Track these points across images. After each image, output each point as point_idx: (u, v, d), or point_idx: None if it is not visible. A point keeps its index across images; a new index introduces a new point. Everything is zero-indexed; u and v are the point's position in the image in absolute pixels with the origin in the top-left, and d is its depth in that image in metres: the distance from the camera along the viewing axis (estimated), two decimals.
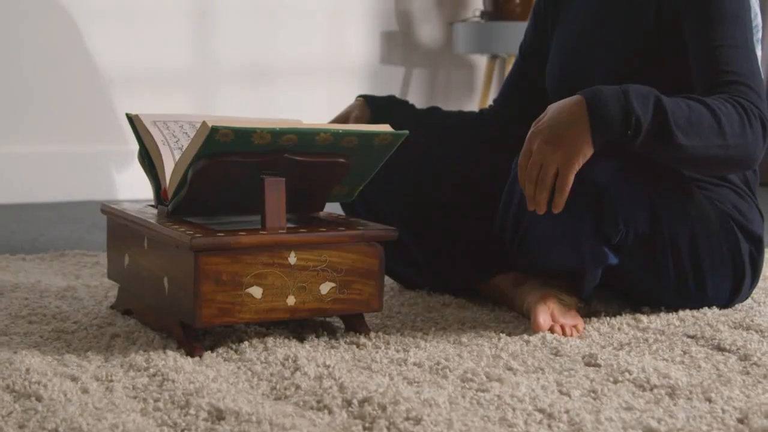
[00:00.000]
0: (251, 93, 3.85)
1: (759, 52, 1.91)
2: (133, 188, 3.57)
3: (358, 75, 4.05)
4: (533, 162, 1.60)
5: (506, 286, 1.88)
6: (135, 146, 3.52)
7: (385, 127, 1.65)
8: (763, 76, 1.79)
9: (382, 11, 4.07)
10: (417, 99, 4.18)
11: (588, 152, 1.58)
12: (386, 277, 1.96)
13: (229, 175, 1.59)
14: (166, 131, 1.74)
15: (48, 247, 2.55)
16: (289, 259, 1.56)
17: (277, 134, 1.55)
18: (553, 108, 1.62)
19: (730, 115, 1.64)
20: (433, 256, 1.97)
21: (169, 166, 1.68)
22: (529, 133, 1.63)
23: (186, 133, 1.76)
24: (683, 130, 1.60)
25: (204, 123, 1.52)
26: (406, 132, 1.65)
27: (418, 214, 1.99)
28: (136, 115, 1.75)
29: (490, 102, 4.22)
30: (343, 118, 2.10)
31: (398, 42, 4.11)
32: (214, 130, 1.51)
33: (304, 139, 1.58)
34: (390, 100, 2.14)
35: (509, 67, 3.83)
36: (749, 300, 1.96)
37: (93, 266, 2.23)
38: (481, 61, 4.18)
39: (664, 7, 1.82)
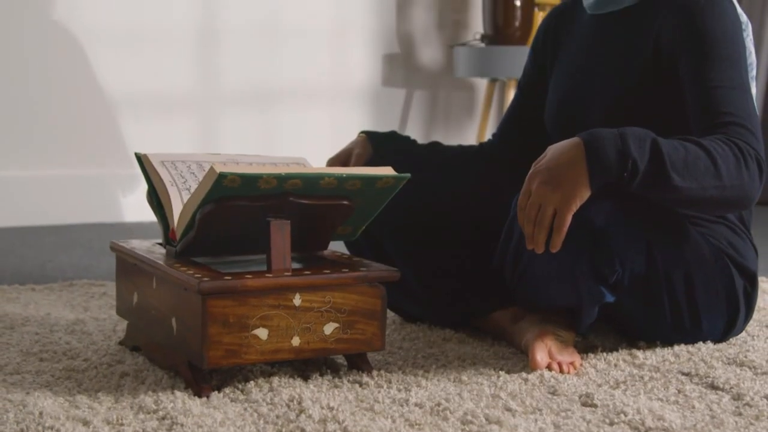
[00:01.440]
0: (255, 116, 3.90)
1: (753, 90, 1.95)
2: (138, 211, 3.62)
3: (360, 97, 4.10)
4: (532, 202, 1.65)
5: (505, 321, 1.93)
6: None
7: (388, 170, 1.69)
8: (758, 115, 1.83)
9: (384, 34, 4.12)
10: (418, 121, 4.23)
11: (585, 194, 1.62)
12: (387, 310, 2.00)
13: (236, 218, 1.64)
14: (174, 171, 1.78)
15: (56, 275, 2.60)
16: (294, 300, 1.60)
17: (282, 179, 1.59)
18: (552, 149, 1.67)
19: (727, 156, 1.68)
20: (434, 291, 2.02)
21: (177, 207, 1.73)
22: (528, 173, 1.67)
23: (193, 173, 1.80)
24: (680, 172, 1.64)
25: (212, 169, 1.56)
26: (408, 175, 1.70)
27: (418, 248, 2.04)
28: (145, 155, 1.79)
29: (489, 124, 4.27)
30: (345, 154, 2.15)
31: (399, 64, 4.16)
32: (222, 176, 1.55)
33: (308, 183, 1.62)
34: (391, 136, 2.18)
35: (509, 91, 3.88)
36: (743, 333, 2.00)
37: (101, 297, 2.28)
38: (482, 83, 4.23)
39: (661, 46, 1.86)
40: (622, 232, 1.70)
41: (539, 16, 3.97)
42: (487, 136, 4.31)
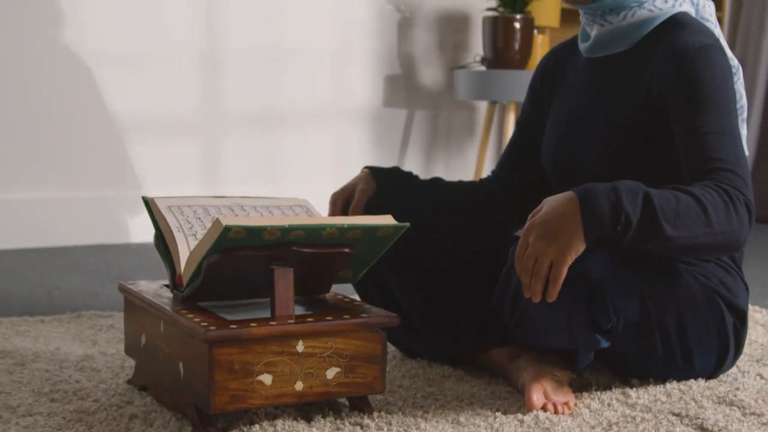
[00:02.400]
0: (258, 137, 3.95)
1: (744, 132, 2.01)
2: (143, 232, 3.68)
3: (362, 117, 4.16)
4: (529, 254, 1.70)
5: (503, 359, 1.98)
6: (147, 192, 3.66)
7: (388, 219, 1.75)
8: (747, 159, 1.88)
9: (385, 55, 4.18)
10: (419, 141, 4.29)
11: (580, 247, 1.68)
12: (388, 344, 2.06)
13: (241, 266, 1.70)
14: (180, 217, 1.84)
15: (64, 303, 2.66)
16: (297, 347, 1.66)
17: (286, 230, 1.65)
18: (548, 203, 1.72)
19: (716, 203, 1.73)
20: (434, 328, 2.07)
21: (183, 253, 1.78)
22: (525, 225, 1.73)
23: (199, 218, 1.86)
24: (671, 222, 1.69)
25: (217, 221, 1.62)
26: (407, 225, 1.75)
27: (419, 284, 2.10)
28: (152, 200, 1.85)
29: (490, 145, 4.33)
30: (349, 189, 2.20)
31: (401, 85, 4.22)
32: (227, 228, 1.61)
33: (311, 233, 1.68)
34: (394, 172, 2.23)
35: (509, 113, 3.94)
36: (734, 369, 2.06)
37: (108, 330, 2.33)
38: (482, 104, 4.28)
39: (653, 91, 1.91)
40: (616, 282, 1.75)
41: (538, 40, 4.02)
42: (488, 157, 4.37)
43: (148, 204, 1.86)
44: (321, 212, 2.07)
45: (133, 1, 3.72)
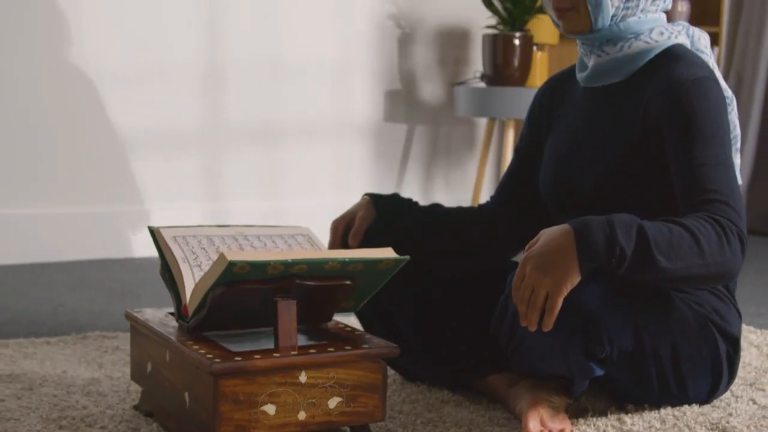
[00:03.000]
0: (260, 152, 4.00)
1: (737, 161, 2.05)
2: (146, 247, 3.73)
3: (363, 132, 4.20)
4: (525, 285, 1.74)
5: (500, 385, 2.03)
6: (149, 206, 3.70)
7: (388, 252, 1.79)
8: (740, 189, 1.92)
9: (386, 71, 4.22)
10: (419, 155, 4.33)
11: (576, 279, 1.72)
12: (388, 368, 2.10)
13: (245, 299, 1.74)
14: (185, 247, 1.88)
15: (69, 322, 2.70)
16: (300, 378, 1.70)
17: (289, 265, 1.69)
18: (544, 235, 1.76)
19: (709, 235, 1.77)
20: (433, 354, 2.12)
21: (189, 284, 1.82)
22: (522, 257, 1.77)
23: (204, 248, 1.90)
24: (665, 254, 1.73)
25: (222, 256, 1.66)
26: (407, 258, 1.80)
27: (419, 311, 2.14)
28: (158, 230, 1.89)
29: (489, 160, 4.37)
30: (349, 216, 2.24)
31: (401, 100, 4.26)
32: (232, 264, 1.65)
33: (313, 267, 1.72)
34: (394, 199, 2.27)
35: (508, 129, 3.98)
36: (728, 393, 2.10)
37: (113, 352, 2.38)
38: (482, 119, 4.32)
39: (649, 122, 1.95)
40: (611, 313, 1.80)
41: (538, 57, 4.07)
42: (487, 172, 4.41)
43: (154, 234, 1.90)
44: (323, 239, 2.11)
45: (136, 19, 3.76)
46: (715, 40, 4.73)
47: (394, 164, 4.28)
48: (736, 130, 2.05)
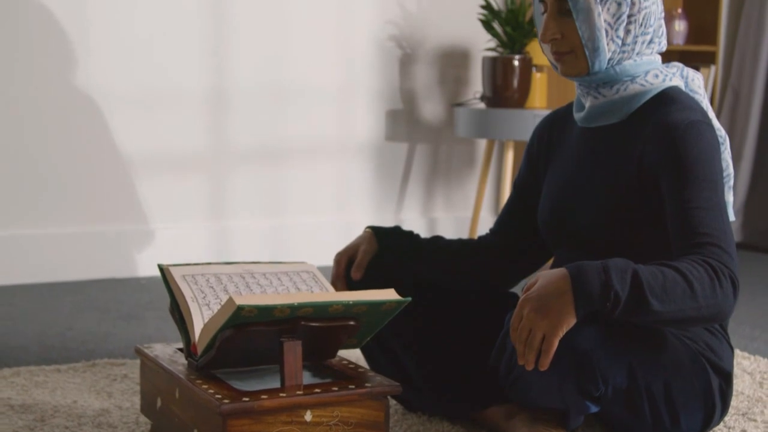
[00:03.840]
0: (264, 172, 4.06)
1: (730, 198, 2.11)
2: (150, 266, 3.79)
3: (365, 151, 4.26)
4: (523, 326, 1.80)
5: (499, 418, 2.09)
6: (154, 226, 3.76)
7: (391, 294, 1.85)
8: (732, 230, 1.98)
9: (387, 91, 4.28)
10: (420, 174, 4.39)
11: (571, 322, 1.78)
12: (390, 399, 2.16)
13: (252, 340, 1.80)
14: (194, 286, 1.94)
15: (77, 347, 2.77)
16: (305, 416, 1.76)
17: (295, 308, 1.75)
18: (542, 278, 1.82)
19: (702, 278, 1.83)
20: (433, 387, 2.18)
21: (197, 323, 1.88)
22: (521, 298, 1.83)
23: (212, 287, 1.96)
24: (659, 297, 1.79)
25: (230, 300, 1.72)
26: (409, 299, 1.86)
27: (420, 343, 2.20)
28: (168, 269, 1.96)
29: (489, 179, 4.43)
30: (352, 249, 2.29)
31: (402, 120, 4.33)
32: (240, 308, 1.71)
33: (318, 310, 1.78)
34: (395, 232, 2.32)
35: (507, 150, 4.04)
36: (721, 424, 2.16)
37: (122, 380, 2.44)
38: (482, 139, 4.38)
39: (644, 164, 2.01)
40: (605, 354, 1.86)
41: (537, 78, 4.12)
42: (487, 191, 4.47)
43: (163, 272, 1.96)
44: (325, 274, 2.17)
45: (142, 43, 3.82)
46: (712, 58, 4.79)
47: (395, 182, 4.34)
48: (729, 169, 2.10)
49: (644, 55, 2.07)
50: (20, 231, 3.71)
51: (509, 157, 4.04)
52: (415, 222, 4.38)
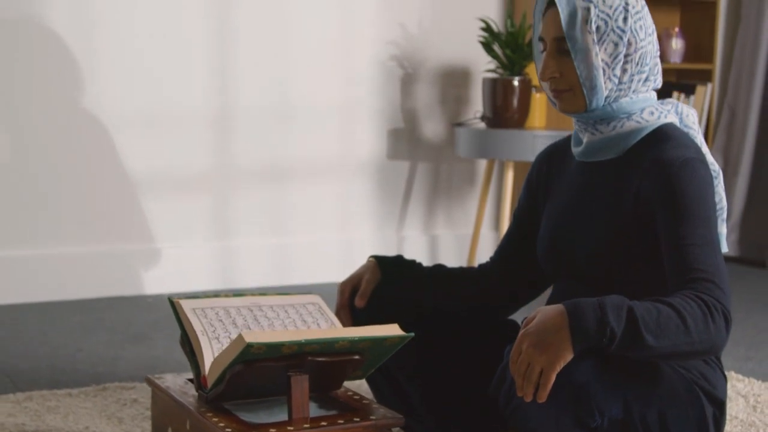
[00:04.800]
0: (268, 191, 4.13)
1: (724, 230, 2.17)
2: (156, 284, 3.86)
3: (367, 169, 4.33)
4: (522, 360, 1.87)
5: None
6: (160, 244, 3.82)
7: (394, 329, 1.92)
8: (725, 268, 2.04)
9: (389, 110, 4.35)
10: (421, 192, 4.46)
11: (568, 357, 1.84)
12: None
13: (260, 374, 1.86)
14: (204, 320, 2.01)
15: (87, 370, 2.83)
16: None
17: (302, 345, 1.82)
18: (540, 314, 1.88)
19: (695, 313, 1.89)
20: (436, 415, 2.24)
21: (207, 356, 1.95)
22: (519, 333, 1.89)
23: (221, 320, 2.03)
24: (653, 333, 1.85)
25: (240, 338, 1.79)
26: (412, 335, 1.93)
27: (423, 372, 2.26)
28: (178, 303, 2.02)
29: (489, 197, 4.49)
30: (356, 279, 2.35)
31: (404, 138, 4.39)
32: (249, 345, 1.77)
33: (325, 346, 1.85)
34: (398, 262, 2.38)
35: (507, 169, 4.10)
36: None
37: (132, 404, 2.50)
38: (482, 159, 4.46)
39: (640, 199, 2.06)
40: (601, 386, 1.92)
41: (536, 98, 4.19)
42: (487, 209, 4.54)
43: (174, 305, 2.02)
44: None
45: (148, 64, 3.89)
46: (708, 76, 4.86)
47: (397, 200, 4.41)
48: (722, 202, 2.16)
49: (640, 93, 2.13)
50: (29, 251, 3.77)
51: (509, 176, 4.11)
52: (416, 239, 4.45)
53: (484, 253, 4.50)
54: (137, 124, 3.89)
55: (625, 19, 2.08)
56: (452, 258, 4.53)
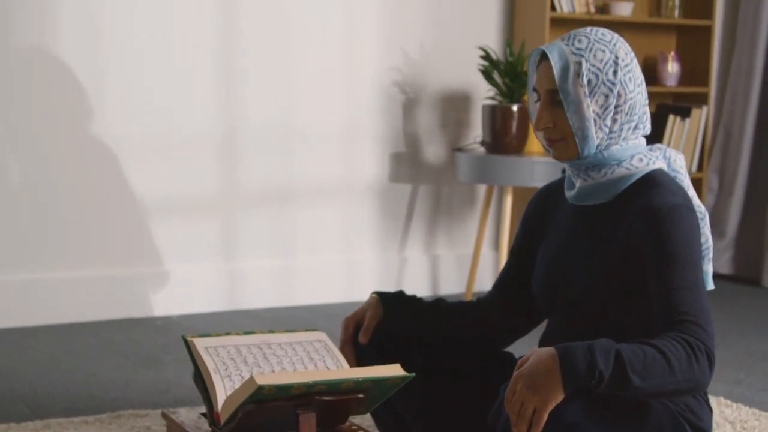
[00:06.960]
0: (273, 213, 4.24)
1: (710, 269, 2.28)
2: (165, 306, 3.98)
3: (369, 192, 4.45)
4: (516, 399, 1.98)
5: None
6: (168, 267, 3.93)
7: (396, 370, 2.04)
8: (709, 308, 2.15)
9: (391, 134, 4.47)
10: (422, 214, 4.58)
11: (560, 397, 1.95)
12: None
13: (271, 412, 1.98)
14: (216, 358, 2.13)
15: (101, 394, 2.95)
16: None
17: (310, 386, 1.94)
18: (533, 356, 2.00)
19: (680, 354, 2.01)
20: None
21: (220, 393, 2.07)
22: (514, 373, 2.01)
23: (233, 358, 2.15)
24: (639, 374, 1.97)
25: (252, 380, 1.90)
26: (413, 375, 2.05)
27: (425, 406, 2.38)
28: (192, 342, 2.14)
29: (489, 220, 4.61)
30: (359, 315, 2.46)
31: (405, 162, 4.51)
32: (261, 387, 1.89)
33: (331, 386, 1.97)
34: (399, 298, 2.49)
35: (507, 194, 4.22)
36: None
37: None
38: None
39: (630, 243, 2.18)
40: (592, 425, 2.02)
41: None
42: (487, 232, 4.65)
43: (188, 344, 2.14)
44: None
45: (155, 89, 4.00)
46: (704, 99, 4.97)
47: (398, 222, 4.53)
48: (708, 242, 2.28)
49: (630, 140, 2.24)
50: (39, 275, 3.88)
51: (508, 200, 4.22)
52: (418, 260, 4.56)
53: (485, 272, 4.62)
54: (146, 149, 4.01)
55: (615, 72, 2.19)
56: (453, 277, 4.65)
